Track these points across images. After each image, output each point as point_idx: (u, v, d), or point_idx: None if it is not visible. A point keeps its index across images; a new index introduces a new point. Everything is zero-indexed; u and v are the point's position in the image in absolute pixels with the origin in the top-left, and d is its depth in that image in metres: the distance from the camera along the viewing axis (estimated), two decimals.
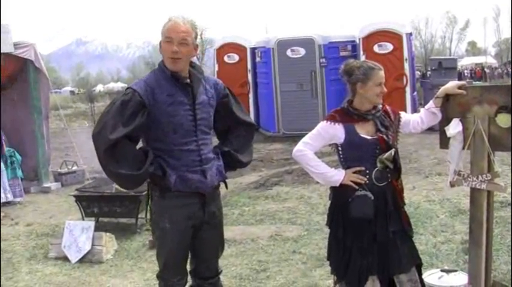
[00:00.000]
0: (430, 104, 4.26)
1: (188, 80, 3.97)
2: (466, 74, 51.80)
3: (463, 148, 4.07)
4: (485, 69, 55.50)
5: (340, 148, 4.15)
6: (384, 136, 4.07)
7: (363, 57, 15.23)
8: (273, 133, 17.43)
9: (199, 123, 3.99)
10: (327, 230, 4.40)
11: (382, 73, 4.12)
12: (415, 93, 18.08)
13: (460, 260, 5.97)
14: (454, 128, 4.08)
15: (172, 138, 3.91)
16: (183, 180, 3.93)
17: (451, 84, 4.18)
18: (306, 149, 4.16)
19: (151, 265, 6.68)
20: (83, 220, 8.30)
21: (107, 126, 3.74)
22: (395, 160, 4.11)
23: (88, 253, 7.09)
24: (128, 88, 3.93)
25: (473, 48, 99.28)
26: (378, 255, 4.10)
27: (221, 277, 4.45)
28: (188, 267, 4.26)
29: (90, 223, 7.49)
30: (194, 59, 4.19)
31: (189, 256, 4.23)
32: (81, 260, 7.05)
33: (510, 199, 7.86)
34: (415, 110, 16.19)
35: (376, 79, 4.09)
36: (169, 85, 3.90)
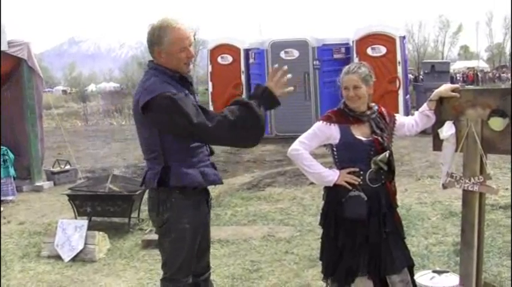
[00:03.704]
0: (424, 107, 4.30)
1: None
2: (458, 78, 51.96)
3: (456, 151, 4.11)
4: (478, 73, 55.71)
5: (335, 149, 4.18)
6: (379, 138, 4.11)
7: (356, 60, 15.27)
8: (266, 134, 17.41)
9: None
10: (319, 231, 4.43)
11: (349, 77, 4.14)
12: (408, 96, 18.14)
13: (451, 261, 6.01)
14: (447, 130, 4.11)
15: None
16: (203, 175, 3.94)
17: (445, 87, 4.22)
18: (301, 148, 4.19)
19: (144, 264, 6.70)
20: (76, 219, 8.30)
21: (201, 119, 3.70)
22: (389, 161, 4.14)
23: (81, 251, 7.09)
24: (162, 94, 3.75)
25: (465, 52, 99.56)
26: (370, 255, 4.13)
27: (214, 276, 4.47)
28: None
29: (83, 222, 7.50)
30: None
31: None
32: (74, 259, 7.05)
33: (502, 201, 7.94)
34: (407, 113, 16.24)
35: (343, 83, 4.16)
36: (181, 86, 3.90)
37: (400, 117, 4.42)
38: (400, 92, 16.50)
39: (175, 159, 3.91)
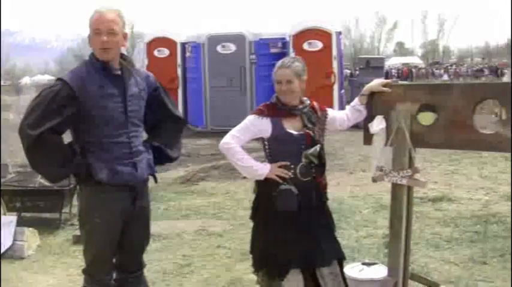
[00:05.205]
0: (356, 101, 4.33)
1: (119, 72, 3.93)
2: (393, 73, 52.86)
3: (385, 145, 4.15)
4: (412, 69, 56.87)
5: (266, 142, 4.16)
6: (311, 132, 4.11)
7: (292, 55, 15.37)
8: (201, 128, 17.41)
9: (130, 116, 3.95)
10: (251, 224, 4.42)
11: (282, 71, 4.12)
12: (343, 91, 18.36)
13: (381, 253, 6.11)
14: (378, 124, 4.16)
15: (102, 131, 3.85)
16: (113, 173, 3.88)
17: (376, 82, 4.27)
18: (233, 141, 4.15)
19: (74, 260, 6.57)
20: (5, 214, 8.07)
21: (31, 122, 3.68)
22: (320, 155, 4.15)
23: (9, 248, 6.89)
24: (57, 79, 3.86)
25: (401, 49, 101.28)
26: (301, 248, 4.13)
27: (145, 271, 4.42)
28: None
29: (12, 218, 7.28)
30: (124, 52, 4.14)
31: None
32: (2, 256, 6.84)
33: (431, 194, 8.12)
34: (342, 107, 16.42)
35: (276, 76, 4.15)
36: (100, 77, 3.85)
37: (331, 112, 4.43)
38: (335, 87, 16.71)
39: (87, 150, 3.89)
